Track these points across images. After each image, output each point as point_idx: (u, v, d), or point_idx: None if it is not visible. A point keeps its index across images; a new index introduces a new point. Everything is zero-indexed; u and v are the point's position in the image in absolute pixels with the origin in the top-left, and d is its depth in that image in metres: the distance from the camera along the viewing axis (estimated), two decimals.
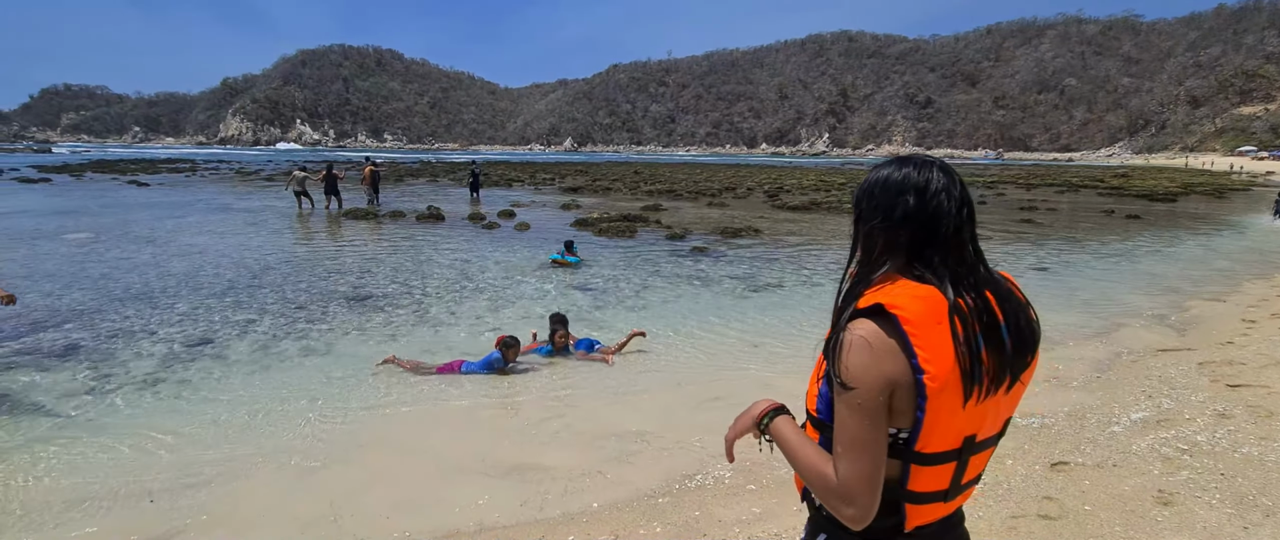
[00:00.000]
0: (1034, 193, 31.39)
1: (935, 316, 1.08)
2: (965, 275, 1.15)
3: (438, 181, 35.55)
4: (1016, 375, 1.18)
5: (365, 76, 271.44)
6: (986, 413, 1.15)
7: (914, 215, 1.15)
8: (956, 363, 1.07)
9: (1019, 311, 1.19)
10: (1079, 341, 6.84)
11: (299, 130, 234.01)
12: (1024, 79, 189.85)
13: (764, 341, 6.99)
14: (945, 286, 1.11)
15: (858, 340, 1.09)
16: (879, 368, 1.07)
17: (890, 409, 1.09)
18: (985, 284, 1.16)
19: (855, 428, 1.09)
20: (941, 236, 1.15)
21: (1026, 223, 18.58)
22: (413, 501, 3.66)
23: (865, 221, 1.22)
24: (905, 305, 1.08)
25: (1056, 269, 11.48)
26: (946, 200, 1.15)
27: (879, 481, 1.10)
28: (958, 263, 1.15)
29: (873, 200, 1.21)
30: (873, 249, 1.20)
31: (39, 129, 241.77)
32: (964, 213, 1.17)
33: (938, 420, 1.09)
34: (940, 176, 1.17)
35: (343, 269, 10.68)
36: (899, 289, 1.12)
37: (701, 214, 20.29)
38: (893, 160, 1.23)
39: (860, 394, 1.07)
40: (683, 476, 3.95)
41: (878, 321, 1.10)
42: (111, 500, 3.74)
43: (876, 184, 1.21)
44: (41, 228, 14.94)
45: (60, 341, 6.66)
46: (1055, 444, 4.11)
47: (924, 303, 1.09)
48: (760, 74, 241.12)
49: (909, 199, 1.16)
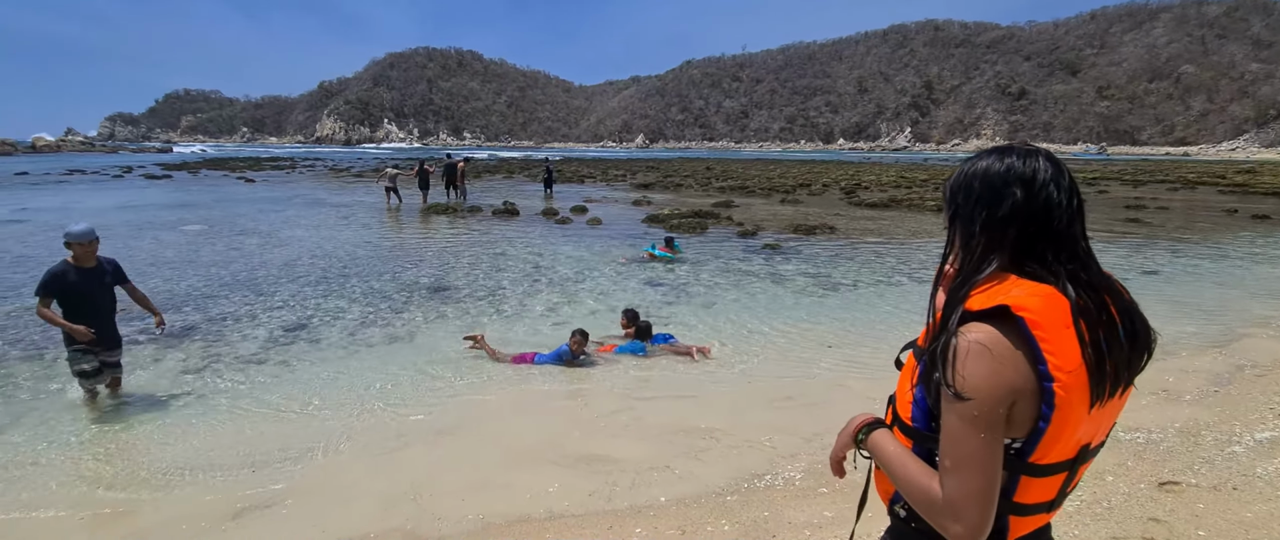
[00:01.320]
0: (1142, 190, 28.88)
1: (1062, 318, 1.00)
2: (1080, 272, 1.06)
3: (513, 177, 36.59)
4: (1131, 378, 1.10)
5: (447, 77, 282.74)
6: (1102, 419, 1.09)
7: (1022, 209, 1.07)
8: (1085, 368, 0.99)
9: (1132, 310, 1.10)
10: (1194, 352, 6.23)
11: (386, 130, 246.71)
12: (1133, 67, 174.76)
13: (838, 342, 6.78)
14: (1064, 285, 1.03)
15: (976, 347, 1.00)
16: (1001, 377, 0.99)
17: (1007, 419, 1.01)
18: (1099, 281, 1.08)
19: (970, 442, 1.00)
20: (1054, 231, 1.07)
21: (1133, 222, 17.13)
22: (486, 485, 3.78)
23: (965, 218, 1.13)
24: (1032, 306, 1.00)
25: (1169, 272, 10.52)
26: (1056, 191, 1.07)
27: (994, 499, 1.02)
28: (1071, 258, 1.07)
29: (973, 195, 1.12)
30: (974, 247, 1.11)
31: (163, 130, 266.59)
32: (1074, 203, 1.08)
33: (1062, 431, 1.01)
34: (1047, 166, 1.09)
35: (423, 261, 11.18)
36: (1017, 289, 1.03)
37: (774, 211, 19.91)
38: (991, 151, 1.14)
39: (978, 405, 0.99)
40: (752, 475, 3.89)
41: (997, 325, 1.01)
42: (220, 468, 4.08)
43: (976, 177, 1.12)
44: (163, 220, 16.45)
45: (178, 323, 7.30)
46: (1164, 462, 3.77)
47: (1048, 303, 1.01)
48: (838, 67, 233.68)
49: (1016, 192, 1.07)
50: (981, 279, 1.09)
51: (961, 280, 1.11)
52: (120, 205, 20.17)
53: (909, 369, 1.21)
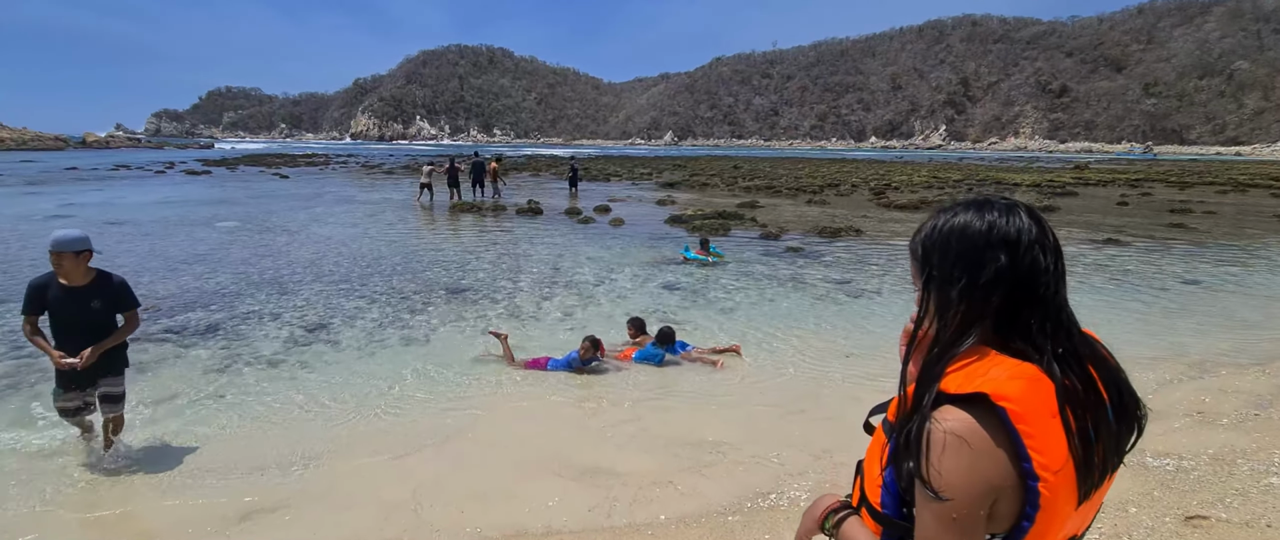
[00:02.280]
0: (1189, 192, 27.72)
1: (1047, 406, 0.90)
2: (1065, 344, 0.96)
3: (539, 175, 36.80)
4: (1119, 460, 0.99)
5: (478, 74, 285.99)
6: (1089, 508, 0.99)
7: (1007, 275, 0.95)
8: (1073, 462, 0.90)
9: (1119, 381, 0.99)
10: (1234, 370, 5.93)
11: (419, 126, 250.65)
12: (1182, 63, 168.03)
13: (857, 352, 6.64)
14: (1050, 364, 0.93)
15: (952, 440, 0.90)
16: (980, 474, 0.89)
17: (988, 516, 0.92)
18: (1084, 350, 0.98)
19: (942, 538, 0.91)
20: (1040, 299, 0.96)
21: (1176, 227, 16.44)
22: (487, 496, 3.77)
23: (941, 282, 1.01)
24: (1014, 395, 0.89)
25: (1212, 282, 10.06)
26: (1042, 254, 0.96)
27: None
28: (1056, 328, 0.96)
29: (949, 255, 1.00)
30: (952, 316, 0.99)
31: (205, 126, 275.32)
32: (1059, 267, 0.98)
33: (1047, 530, 0.92)
34: (1031, 224, 0.98)
35: (446, 260, 11.29)
36: (998, 370, 0.92)
37: (800, 212, 19.64)
38: (968, 205, 1.03)
39: (956, 507, 0.89)
40: (757, 494, 3.81)
41: (975, 412, 0.91)
42: (231, 470, 4.14)
43: (952, 235, 1.00)
44: (199, 216, 16.94)
45: (204, 321, 7.49)
46: (1193, 493, 3.58)
47: (1032, 389, 0.90)
48: (871, 63, 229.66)
49: (1000, 256, 0.96)
50: (959, 352, 0.98)
51: (938, 354, 0.99)
52: (160, 201, 20.85)
53: (878, 444, 1.11)
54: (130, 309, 4.02)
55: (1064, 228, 16.28)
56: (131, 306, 4.02)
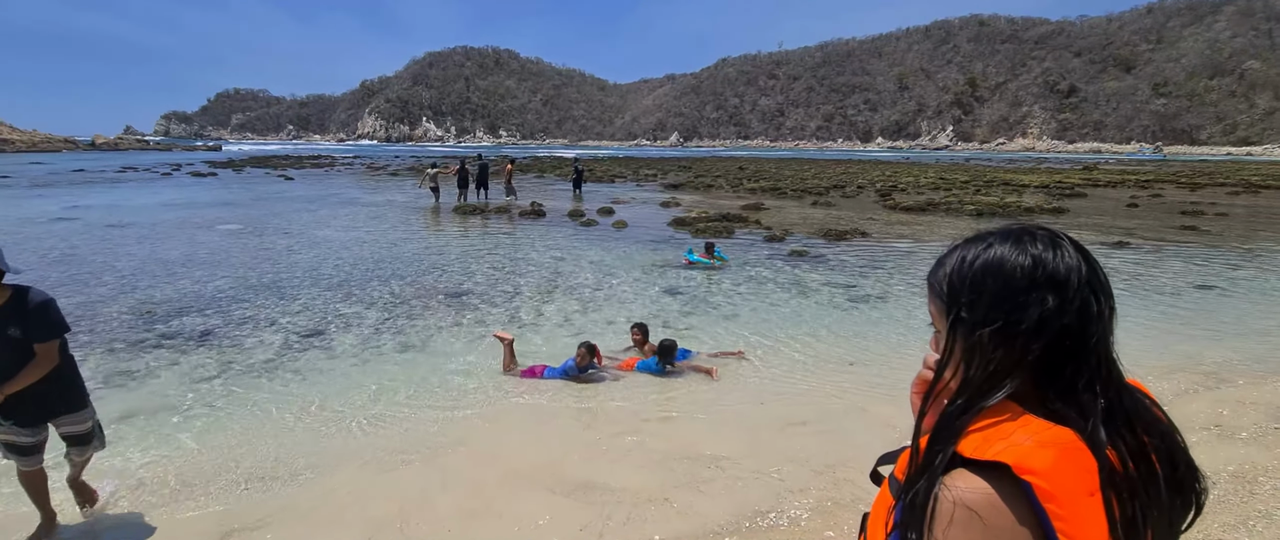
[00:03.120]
0: (1200, 194, 27.37)
1: (1084, 484, 0.75)
2: (1114, 406, 0.80)
3: (544, 176, 36.72)
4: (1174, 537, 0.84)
5: (484, 75, 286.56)
6: None
7: (1053, 321, 0.80)
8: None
9: (1174, 448, 0.83)
10: (1252, 380, 5.75)
11: (425, 128, 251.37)
12: (1192, 62, 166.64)
13: (861, 360, 6.48)
14: (1097, 431, 0.77)
15: (961, 512, 0.75)
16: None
17: None
18: (1134, 409, 0.82)
19: None
20: (1090, 350, 0.81)
21: (1188, 229, 16.18)
22: (476, 513, 3.65)
23: (971, 325, 0.85)
24: (1042, 468, 0.74)
25: (1225, 287, 9.84)
26: (1095, 298, 0.82)
27: None
28: (1105, 388, 0.80)
29: (982, 294, 0.84)
30: (983, 365, 0.83)
31: (214, 128, 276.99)
32: (1109, 311, 0.83)
33: None
34: (1078, 260, 0.83)
35: (446, 264, 11.19)
36: (1025, 434, 0.78)
37: (805, 214, 19.46)
38: (1001, 234, 0.88)
39: None
40: (755, 512, 3.67)
41: (995, 483, 0.76)
42: (217, 484, 4.04)
43: (987, 271, 0.85)
44: (202, 218, 16.92)
45: (199, 327, 7.40)
46: (1213, 514, 3.41)
47: (1067, 461, 0.75)
48: (878, 64, 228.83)
49: (1047, 297, 0.81)
50: (985, 408, 0.82)
51: (961, 407, 0.84)
52: (164, 203, 20.86)
53: (885, 504, 0.95)
54: (46, 339, 3.02)
55: (1073, 231, 15.99)
56: (48, 336, 3.03)
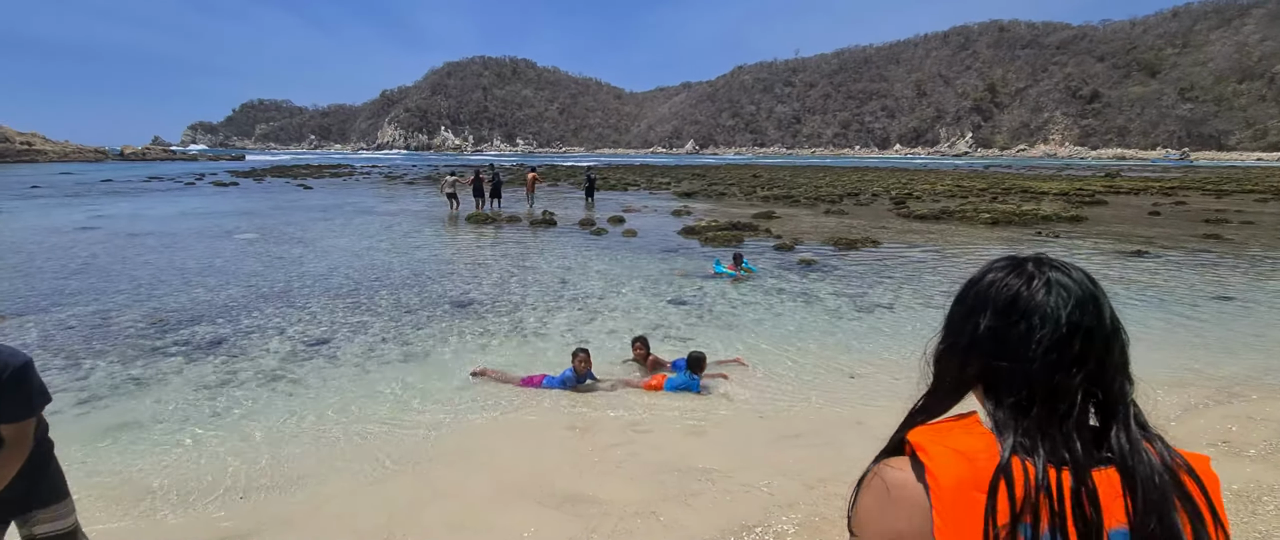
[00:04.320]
0: (1226, 201, 26.76)
1: (974, 481, 0.79)
2: (1059, 436, 0.80)
3: (557, 185, 36.94)
4: None
5: (502, 85, 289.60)
6: None
7: (984, 342, 0.86)
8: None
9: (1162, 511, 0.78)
10: (1265, 395, 5.59)
11: (443, 137, 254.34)
12: (1220, 66, 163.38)
13: (863, 372, 6.42)
14: (1006, 442, 0.81)
15: (876, 482, 0.87)
16: (885, 521, 0.84)
17: None
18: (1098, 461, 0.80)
19: None
20: (1022, 375, 0.83)
21: (1211, 238, 15.81)
22: (463, 526, 3.67)
23: (940, 339, 0.94)
24: (939, 458, 0.81)
25: (1246, 298, 9.59)
26: (1041, 325, 0.83)
27: None
28: (1047, 416, 0.81)
29: (952, 312, 0.93)
30: (938, 377, 0.93)
31: (238, 138, 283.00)
32: (1072, 348, 0.82)
33: None
34: (1046, 291, 0.84)
35: (454, 273, 11.29)
36: (954, 433, 0.85)
37: (817, 222, 19.35)
38: (1005, 260, 0.91)
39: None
40: (742, 526, 3.64)
41: (914, 468, 0.84)
42: (210, 492, 4.10)
43: (966, 289, 0.93)
44: (221, 227, 17.26)
45: (209, 335, 7.54)
46: None
47: (963, 460, 0.81)
48: (896, 71, 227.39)
49: (980, 322, 0.87)
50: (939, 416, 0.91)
51: (919, 408, 0.93)
52: (185, 212, 21.32)
53: None
54: (18, 418, 2.05)
55: (1092, 239, 15.79)
56: (20, 414, 2.05)
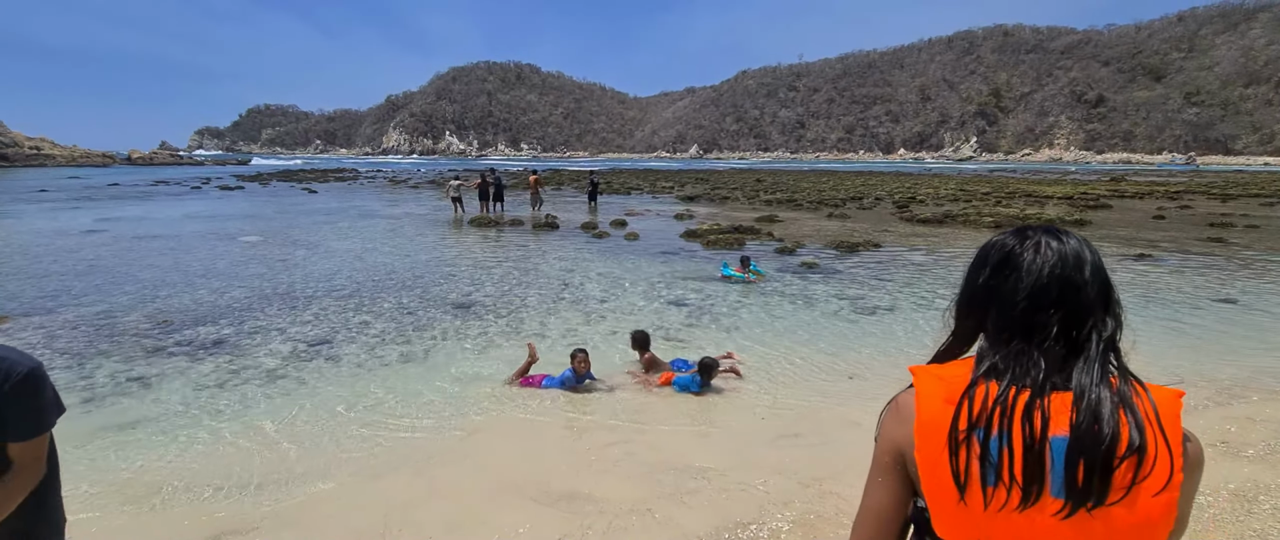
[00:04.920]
0: (1231, 205, 26.62)
1: (945, 396, 1.01)
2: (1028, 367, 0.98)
3: (561, 189, 37.02)
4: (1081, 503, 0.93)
5: (506, 90, 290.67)
6: (1018, 528, 0.97)
7: (981, 293, 1.08)
8: (948, 451, 0.98)
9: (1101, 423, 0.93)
10: (1265, 397, 5.57)
11: (448, 141, 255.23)
12: (1226, 71, 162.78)
13: (862, 373, 6.42)
14: (980, 368, 1.02)
15: (891, 404, 1.12)
16: (891, 430, 1.08)
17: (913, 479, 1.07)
18: (1060, 385, 0.97)
19: (867, 477, 1.13)
20: (1006, 316, 1.02)
21: (1214, 241, 15.75)
22: (459, 524, 3.68)
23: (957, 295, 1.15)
24: (923, 379, 1.06)
25: (1248, 300, 9.55)
26: (1025, 276, 1.02)
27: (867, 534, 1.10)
28: (1022, 349, 1.00)
29: (966, 272, 1.13)
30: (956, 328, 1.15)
31: (244, 142, 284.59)
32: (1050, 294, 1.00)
33: (936, 503, 1.02)
34: (1034, 251, 1.03)
35: (456, 275, 11.33)
36: (946, 367, 1.08)
37: (819, 226, 19.35)
38: (1013, 228, 1.10)
39: (876, 448, 1.11)
40: (736, 524, 3.65)
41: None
42: (209, 488, 4.13)
43: (977, 252, 1.12)
44: (226, 230, 17.37)
45: (212, 335, 7.60)
46: (1207, 533, 3.32)
47: (942, 382, 1.03)
48: (900, 75, 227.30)
49: (982, 275, 1.08)
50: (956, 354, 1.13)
51: (939, 351, 1.16)
52: (190, 215, 21.47)
53: None
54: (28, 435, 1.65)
55: (1096, 242, 15.68)
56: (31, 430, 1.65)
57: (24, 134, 69.97)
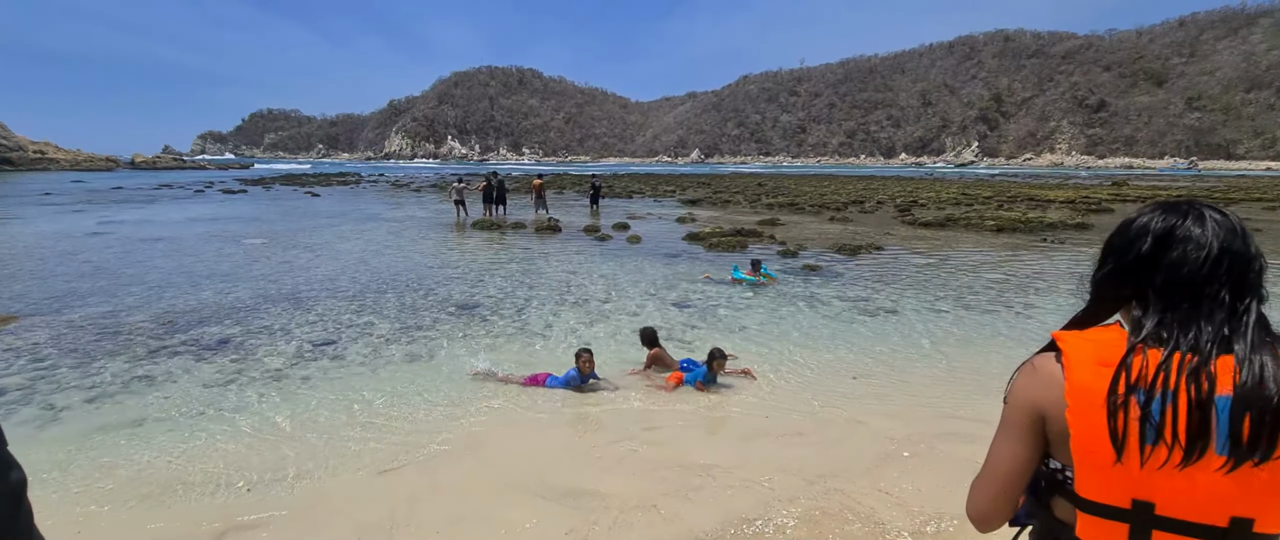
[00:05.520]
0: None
1: (1100, 358, 1.05)
2: (1195, 333, 1.03)
3: (563, 193, 37.09)
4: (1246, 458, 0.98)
5: (508, 94, 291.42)
6: (1178, 485, 1.02)
7: (1142, 265, 1.09)
8: (1106, 410, 1.02)
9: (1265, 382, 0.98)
10: None
11: (450, 146, 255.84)
12: (1228, 76, 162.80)
13: (866, 374, 6.43)
14: (1138, 335, 1.06)
15: (1027, 365, 1.15)
16: (1030, 389, 1.11)
17: (1050, 440, 1.12)
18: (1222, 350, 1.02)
19: (995, 440, 1.17)
20: (1174, 287, 1.06)
21: None
22: (464, 519, 3.70)
23: (1098, 268, 1.18)
24: (1072, 343, 1.09)
25: None
26: (1196, 250, 1.05)
27: (999, 492, 1.15)
28: (1188, 318, 1.04)
29: (1109, 246, 1.17)
30: (1097, 295, 1.18)
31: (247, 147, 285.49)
32: (1221, 266, 1.04)
33: (1085, 464, 1.06)
34: (1199, 225, 1.06)
35: (459, 277, 11.37)
36: (1091, 332, 1.11)
37: (821, 229, 19.37)
38: (1158, 204, 1.14)
39: (1008, 409, 1.15)
40: (741, 520, 3.67)
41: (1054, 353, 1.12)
42: (216, 484, 4.15)
43: (1124, 227, 1.15)
44: (230, 232, 17.43)
45: (217, 335, 7.63)
46: None
47: (1094, 345, 1.07)
48: (901, 80, 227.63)
49: (1142, 247, 1.10)
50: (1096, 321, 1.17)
51: (1078, 317, 1.20)
52: (193, 218, 21.54)
53: None
54: None
55: (1097, 246, 15.71)
56: None
57: (28, 138, 70.20)
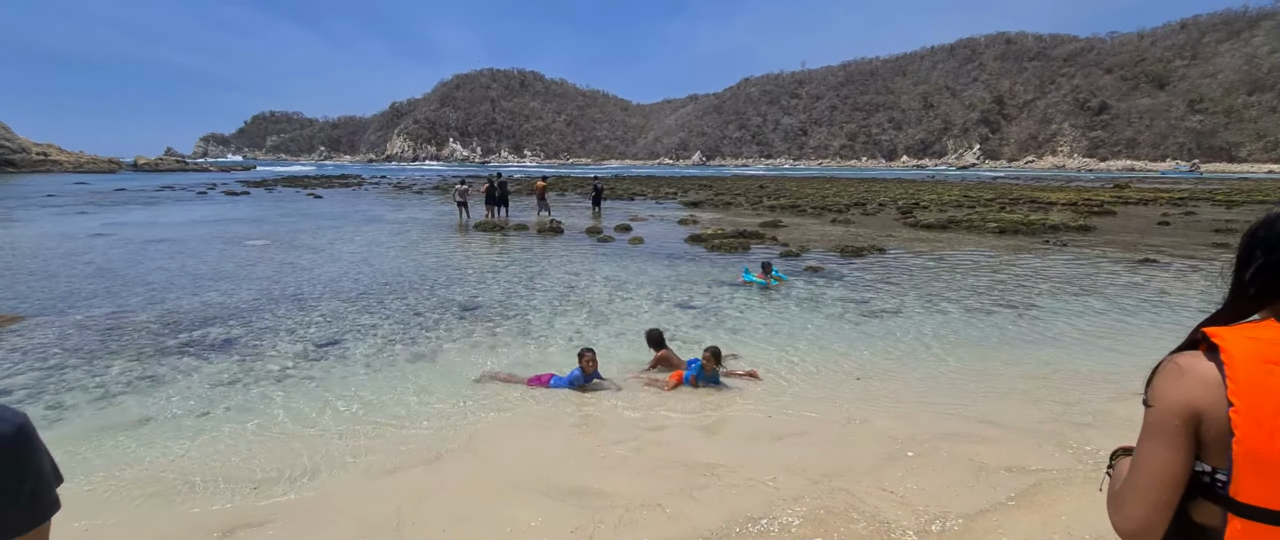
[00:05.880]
0: (1237, 211, 26.57)
1: (1263, 356, 1.02)
2: None
3: (565, 195, 37.12)
4: None
5: (510, 97, 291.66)
6: None
7: None
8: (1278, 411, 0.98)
9: None
10: None
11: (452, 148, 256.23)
12: (1229, 78, 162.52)
13: (868, 374, 6.43)
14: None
15: (1170, 364, 1.10)
16: (1182, 389, 1.06)
17: (1202, 442, 1.06)
18: None
19: (1142, 446, 1.10)
20: None
21: (1220, 247, 15.73)
22: (469, 517, 3.71)
23: (1243, 264, 1.15)
24: (1232, 341, 1.04)
25: None
26: None
27: (1155, 502, 1.08)
28: None
29: (1256, 240, 1.13)
30: (1243, 291, 1.14)
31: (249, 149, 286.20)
32: None
33: (1250, 465, 1.00)
34: None
35: (462, 279, 11.39)
36: (1247, 328, 1.07)
37: (823, 231, 19.37)
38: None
39: (1155, 413, 1.09)
40: (746, 518, 3.67)
41: (1204, 351, 1.08)
42: (222, 483, 4.17)
43: (1268, 223, 1.13)
44: (233, 234, 17.47)
45: (221, 336, 7.65)
46: None
47: (1258, 343, 1.03)
48: (902, 83, 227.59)
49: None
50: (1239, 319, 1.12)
51: (1209, 318, 1.15)
52: (195, 220, 21.59)
53: None
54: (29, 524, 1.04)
55: (1099, 248, 15.73)
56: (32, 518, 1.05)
57: (31, 140, 70.41)
